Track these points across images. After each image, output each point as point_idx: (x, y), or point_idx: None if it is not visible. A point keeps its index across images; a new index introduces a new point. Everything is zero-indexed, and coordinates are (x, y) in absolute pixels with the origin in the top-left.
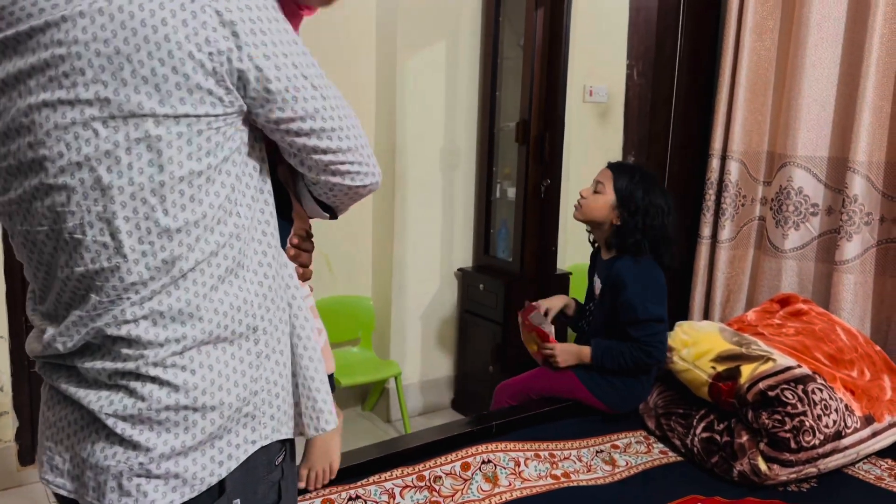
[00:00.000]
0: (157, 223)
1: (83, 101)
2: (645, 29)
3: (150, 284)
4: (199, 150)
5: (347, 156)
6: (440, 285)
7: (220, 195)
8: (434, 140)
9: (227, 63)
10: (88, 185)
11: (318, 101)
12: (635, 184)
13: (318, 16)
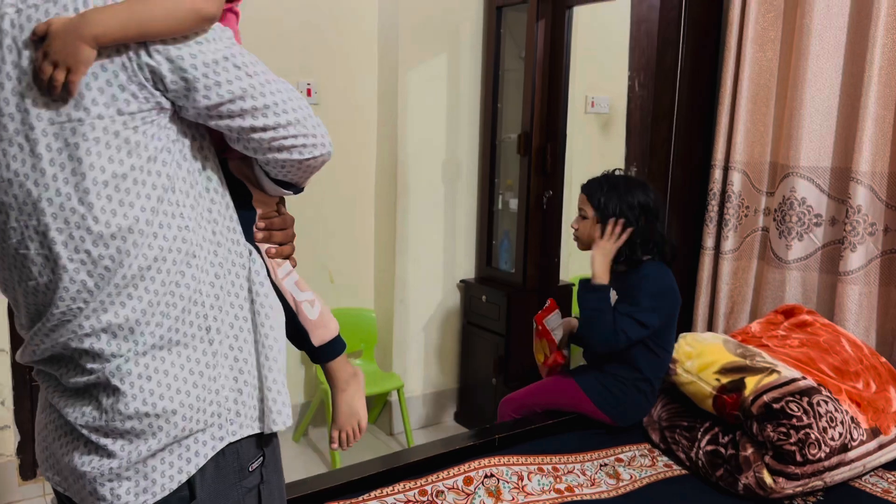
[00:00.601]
0: (90, 230)
1: (6, 115)
2: (646, 41)
3: (97, 294)
4: (119, 151)
5: (289, 129)
6: (443, 297)
7: (151, 197)
8: (436, 152)
9: (135, 58)
10: (21, 201)
11: (243, 80)
12: (607, 193)
13: (320, 29)
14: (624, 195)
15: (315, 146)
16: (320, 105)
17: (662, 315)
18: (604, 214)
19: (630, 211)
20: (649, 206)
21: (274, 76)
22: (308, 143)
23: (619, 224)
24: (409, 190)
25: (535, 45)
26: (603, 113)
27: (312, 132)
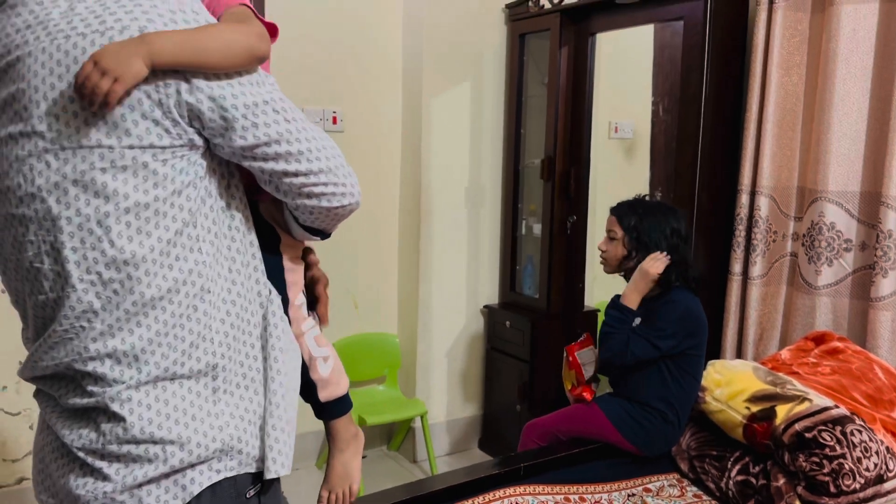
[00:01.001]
0: (104, 253)
1: (38, 133)
2: (669, 66)
3: (103, 316)
4: (146, 181)
5: (320, 177)
6: (466, 322)
7: (169, 229)
8: (459, 178)
9: (175, 95)
10: (41, 216)
11: (281, 125)
12: (640, 217)
13: (346, 58)
14: (655, 219)
15: (344, 195)
16: (345, 133)
17: (680, 340)
18: (633, 237)
19: (661, 236)
20: (680, 232)
21: (311, 124)
22: (338, 191)
23: (665, 256)
24: (433, 215)
25: (558, 71)
26: (627, 138)
27: (343, 181)
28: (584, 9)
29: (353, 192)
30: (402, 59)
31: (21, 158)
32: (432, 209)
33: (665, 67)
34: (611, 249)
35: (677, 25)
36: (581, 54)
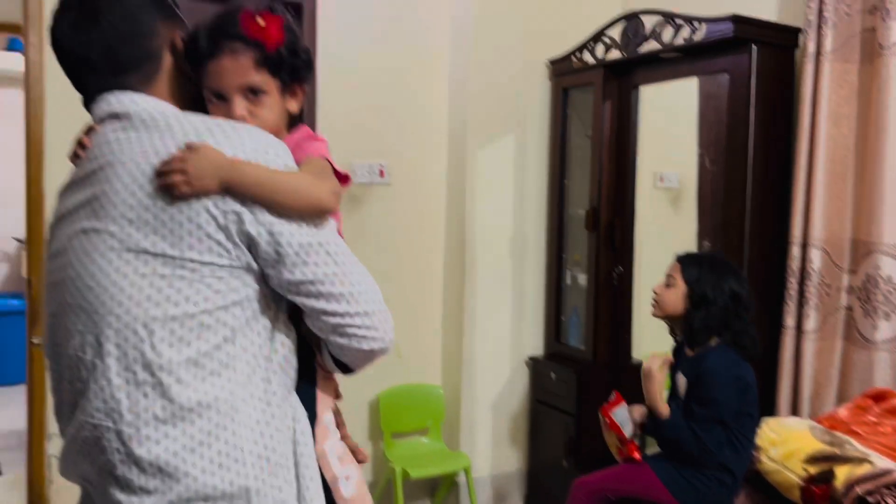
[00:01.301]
0: (143, 355)
1: (109, 232)
2: (714, 116)
3: (129, 418)
4: (198, 294)
5: (356, 319)
6: (511, 374)
7: (209, 342)
8: (503, 229)
9: (237, 223)
10: (93, 309)
11: (329, 266)
12: (705, 272)
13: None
14: (719, 277)
15: (375, 339)
16: (392, 185)
17: (732, 402)
18: (694, 290)
19: (721, 295)
20: (741, 295)
21: (359, 267)
22: (369, 335)
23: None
24: (477, 266)
25: (601, 124)
26: (672, 188)
27: (377, 326)
28: (628, 63)
29: (384, 339)
30: (447, 113)
31: (88, 252)
32: (476, 259)
33: (710, 118)
34: (665, 295)
35: (722, 77)
36: (625, 107)
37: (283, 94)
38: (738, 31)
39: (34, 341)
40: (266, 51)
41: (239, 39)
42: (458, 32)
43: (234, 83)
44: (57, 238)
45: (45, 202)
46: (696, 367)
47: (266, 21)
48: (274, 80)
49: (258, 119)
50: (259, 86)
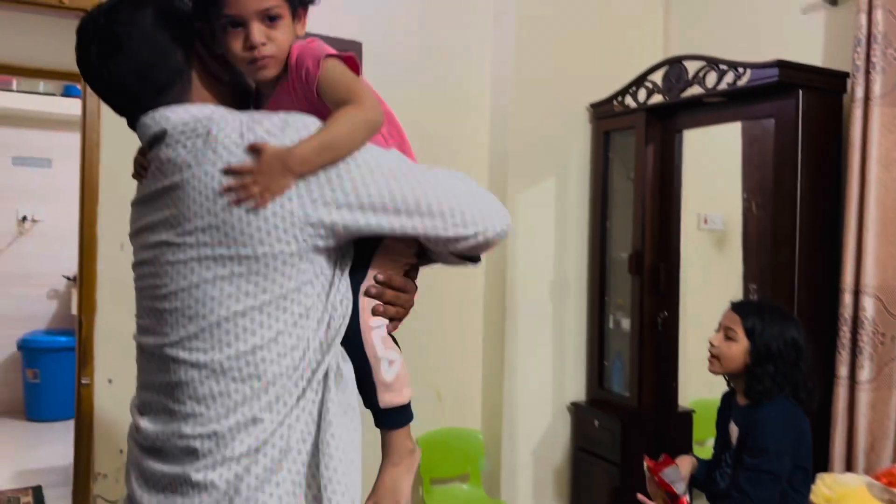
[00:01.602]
0: (229, 345)
1: (186, 243)
2: (759, 159)
3: (221, 400)
4: (273, 283)
5: (459, 230)
6: (552, 420)
7: (287, 322)
8: (544, 272)
9: (303, 215)
10: (180, 312)
11: (418, 193)
12: (766, 322)
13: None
14: (781, 328)
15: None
16: None
17: (787, 454)
18: (758, 344)
19: (784, 346)
20: (799, 343)
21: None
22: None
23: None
24: (518, 309)
25: (644, 167)
26: (717, 229)
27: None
28: (670, 107)
29: (496, 223)
30: (488, 156)
31: (171, 262)
32: (517, 302)
33: (755, 160)
34: (726, 350)
35: (767, 121)
36: (667, 151)
37: (294, 16)
38: (783, 76)
39: (83, 381)
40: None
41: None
42: (499, 76)
43: (252, 8)
44: (139, 250)
45: (97, 244)
46: (750, 417)
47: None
48: (286, 3)
49: (275, 43)
50: (275, 10)
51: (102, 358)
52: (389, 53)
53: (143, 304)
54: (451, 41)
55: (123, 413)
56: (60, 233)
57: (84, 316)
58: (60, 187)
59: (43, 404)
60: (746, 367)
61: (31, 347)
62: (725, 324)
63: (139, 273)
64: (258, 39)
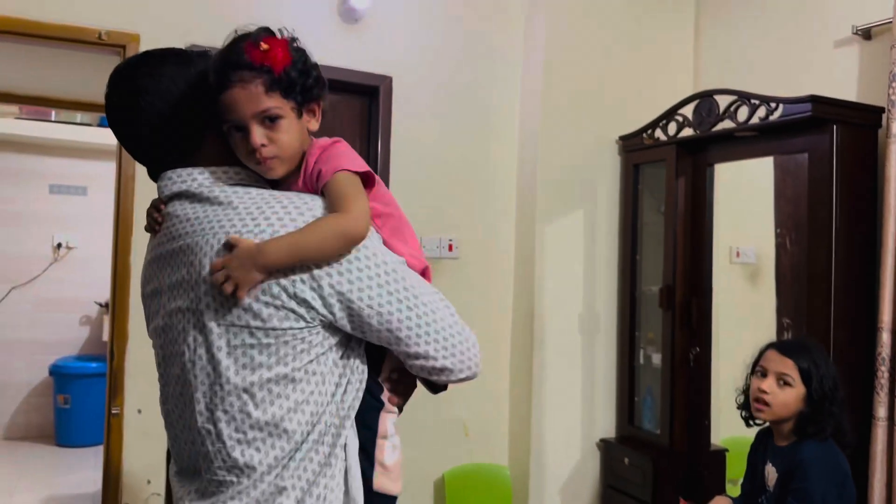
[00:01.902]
0: (249, 416)
1: (199, 311)
2: (792, 193)
3: (248, 472)
4: (286, 356)
5: (438, 360)
6: (581, 457)
7: (304, 391)
8: (573, 305)
9: (308, 290)
10: (199, 380)
11: (403, 311)
12: (818, 365)
13: (462, 187)
14: (827, 365)
15: (462, 370)
16: (460, 259)
17: (831, 496)
18: (815, 389)
19: (835, 385)
20: (838, 381)
21: (432, 297)
22: (456, 367)
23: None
24: (546, 342)
25: (675, 201)
26: (749, 263)
27: (461, 357)
28: (701, 141)
29: (470, 366)
30: (516, 188)
31: (188, 330)
32: (545, 335)
33: (787, 194)
34: (781, 396)
35: (800, 156)
36: (699, 184)
37: (300, 114)
38: (817, 111)
39: (113, 411)
40: (274, 74)
41: (245, 68)
42: (527, 109)
43: (249, 112)
44: (157, 313)
45: (130, 275)
46: (790, 458)
47: (269, 45)
48: (287, 101)
49: (277, 144)
50: (273, 111)
51: (132, 388)
52: (419, 86)
53: (169, 371)
54: (481, 74)
55: (152, 443)
56: (94, 260)
57: (116, 346)
58: (95, 215)
59: (73, 430)
60: (798, 413)
61: (62, 373)
62: (776, 369)
63: (161, 340)
64: (258, 142)
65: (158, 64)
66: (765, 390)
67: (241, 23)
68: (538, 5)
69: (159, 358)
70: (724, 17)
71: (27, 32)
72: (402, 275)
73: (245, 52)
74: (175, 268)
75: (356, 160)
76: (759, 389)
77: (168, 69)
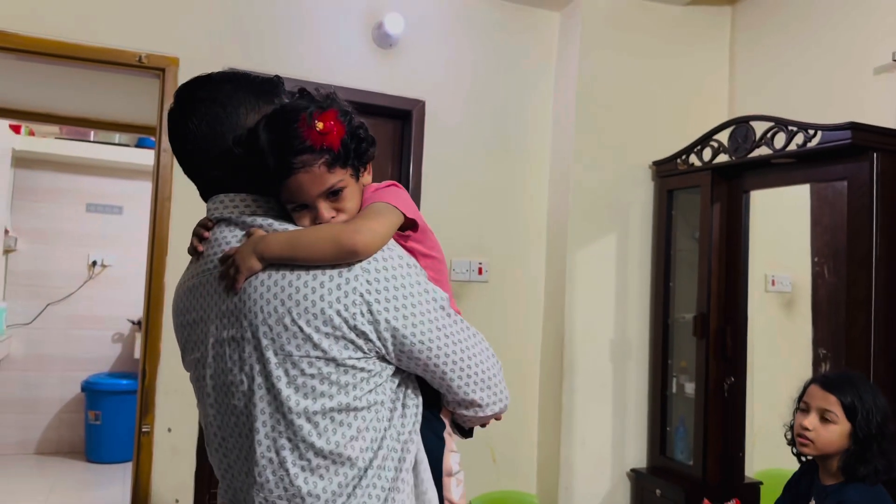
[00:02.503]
0: (313, 445)
1: (254, 340)
2: (830, 221)
3: (310, 501)
4: (346, 385)
5: (476, 393)
6: (611, 487)
7: (366, 419)
8: (604, 331)
9: (366, 325)
10: (259, 409)
11: (449, 346)
12: (863, 400)
13: (493, 211)
14: (875, 400)
15: (496, 403)
16: (490, 283)
17: None
18: (860, 426)
19: (883, 422)
20: (888, 413)
21: (472, 338)
22: (486, 401)
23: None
24: (576, 368)
25: (710, 228)
26: (785, 291)
27: (494, 393)
28: (737, 167)
29: (502, 399)
30: (547, 212)
31: (243, 359)
32: (575, 361)
33: (825, 221)
34: (824, 433)
35: (838, 184)
36: (734, 211)
37: (358, 176)
38: (857, 138)
39: (144, 429)
40: (334, 151)
41: (307, 152)
42: (559, 132)
43: (315, 193)
44: (201, 343)
45: (164, 295)
46: (834, 499)
47: (323, 122)
48: (346, 170)
49: (345, 213)
50: (337, 185)
51: (163, 407)
52: (451, 110)
53: (224, 401)
54: (513, 98)
55: (181, 462)
56: (128, 278)
57: (148, 364)
58: (130, 234)
59: (103, 446)
60: (845, 451)
61: (93, 389)
62: (819, 405)
63: (211, 370)
64: (326, 217)
65: (216, 88)
66: (807, 427)
67: (277, 47)
68: (572, 28)
69: (208, 388)
70: (759, 42)
71: (68, 55)
72: (448, 311)
73: (303, 136)
74: (224, 295)
75: (405, 202)
76: (802, 426)
77: (225, 94)
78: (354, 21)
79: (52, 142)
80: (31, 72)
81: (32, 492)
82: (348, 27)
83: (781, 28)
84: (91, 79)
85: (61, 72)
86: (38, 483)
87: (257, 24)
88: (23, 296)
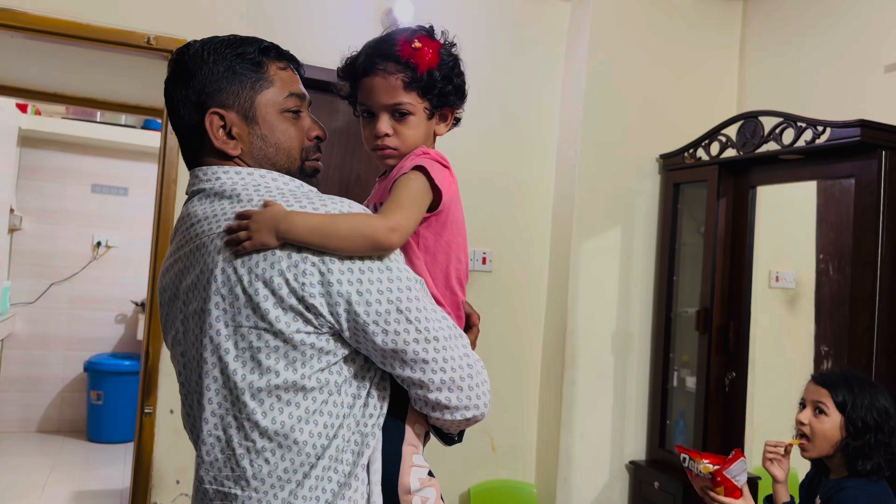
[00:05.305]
0: (258, 424)
1: (209, 311)
2: (836, 219)
3: (255, 484)
4: (295, 362)
5: (443, 392)
6: (610, 478)
7: (316, 400)
8: (606, 323)
9: (317, 296)
10: (205, 385)
11: (411, 333)
12: (857, 393)
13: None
14: (871, 396)
15: (468, 408)
16: (493, 273)
17: None
18: (851, 418)
19: (879, 416)
20: (889, 411)
21: (444, 330)
22: (461, 404)
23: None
24: (577, 360)
25: (715, 222)
26: (789, 288)
27: (468, 395)
28: (744, 162)
29: (477, 405)
30: (552, 203)
31: (203, 332)
32: (577, 353)
33: (830, 219)
34: (816, 425)
35: (846, 181)
36: (741, 206)
37: (432, 115)
38: (865, 135)
39: (146, 410)
40: (417, 73)
41: (392, 60)
42: (567, 124)
43: (382, 101)
44: (175, 318)
45: None
46: (834, 492)
47: (422, 44)
48: (422, 101)
49: (400, 137)
50: (405, 106)
51: (166, 388)
52: None
53: (190, 379)
54: (521, 88)
55: (183, 444)
56: (132, 259)
57: (151, 346)
58: (135, 215)
59: (104, 426)
60: (842, 444)
61: (96, 369)
62: (812, 398)
63: (181, 348)
64: (382, 131)
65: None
66: (802, 421)
67: (288, 29)
68: (582, 19)
69: (179, 367)
70: (769, 38)
71: (77, 35)
72: (417, 294)
73: (397, 44)
74: (189, 270)
75: (444, 178)
76: (798, 421)
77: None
78: (364, 6)
79: (59, 122)
80: (38, 51)
81: (34, 470)
82: (357, 12)
83: (792, 23)
84: (98, 59)
85: (69, 52)
86: (39, 461)
87: (265, 6)
88: (27, 275)
